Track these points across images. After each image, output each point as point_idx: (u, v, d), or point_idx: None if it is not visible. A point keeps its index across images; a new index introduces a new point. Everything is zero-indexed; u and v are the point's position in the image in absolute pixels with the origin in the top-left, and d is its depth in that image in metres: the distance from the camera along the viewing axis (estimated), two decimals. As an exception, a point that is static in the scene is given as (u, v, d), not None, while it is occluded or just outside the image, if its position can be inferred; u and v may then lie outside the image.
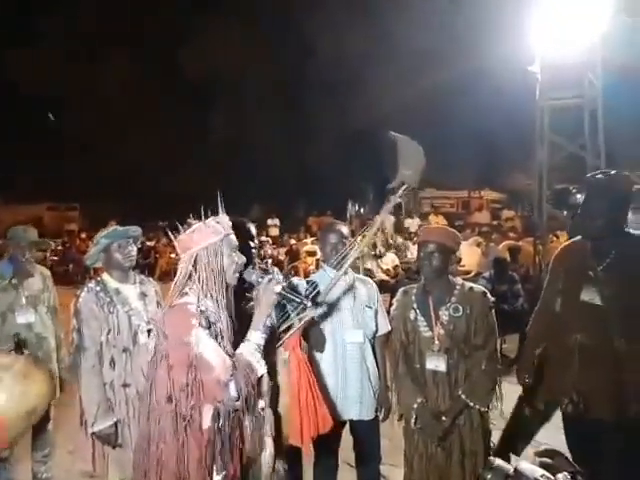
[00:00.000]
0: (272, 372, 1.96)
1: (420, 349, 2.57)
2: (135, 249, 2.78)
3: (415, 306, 2.60)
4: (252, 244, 2.69)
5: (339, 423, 2.76)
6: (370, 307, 2.81)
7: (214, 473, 1.81)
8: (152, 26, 20.83)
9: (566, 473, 1.35)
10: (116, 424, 2.56)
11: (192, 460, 1.78)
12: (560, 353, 2.61)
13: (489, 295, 2.59)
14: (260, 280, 1.95)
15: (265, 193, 19.33)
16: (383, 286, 7.30)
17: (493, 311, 2.57)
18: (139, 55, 21.60)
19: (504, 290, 6.09)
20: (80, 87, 21.48)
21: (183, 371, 1.75)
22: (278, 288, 1.88)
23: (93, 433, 2.55)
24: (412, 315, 2.59)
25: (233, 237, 1.94)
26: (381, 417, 2.85)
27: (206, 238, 1.86)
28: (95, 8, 21.76)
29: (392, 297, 2.84)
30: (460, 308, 2.50)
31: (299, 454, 2.59)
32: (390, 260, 8.70)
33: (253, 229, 2.74)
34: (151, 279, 3.00)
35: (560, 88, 9.29)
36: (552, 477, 1.32)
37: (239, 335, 1.91)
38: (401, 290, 2.76)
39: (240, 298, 2.11)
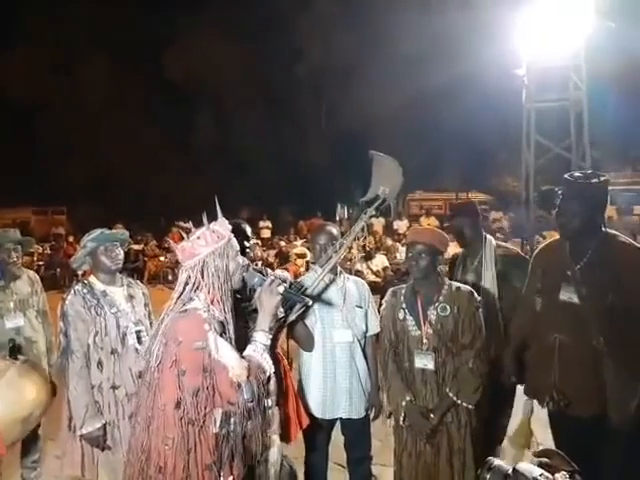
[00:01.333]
0: (276, 371, 1.98)
1: (409, 348, 2.60)
2: (122, 252, 2.77)
3: (404, 306, 2.64)
4: (247, 244, 2.73)
5: (328, 422, 2.79)
6: (360, 307, 2.83)
7: (221, 478, 1.81)
8: (135, 27, 20.67)
9: (564, 472, 1.35)
10: (105, 426, 2.54)
11: (201, 465, 1.78)
12: (540, 352, 2.64)
13: (476, 295, 2.63)
14: (262, 283, 1.96)
15: (254, 196, 19.31)
16: (373, 287, 7.26)
17: (480, 310, 2.60)
18: (122, 57, 21.46)
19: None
20: (62, 90, 21.35)
21: (197, 376, 1.74)
22: (281, 289, 1.90)
23: (81, 435, 2.53)
24: (401, 315, 2.63)
25: (234, 240, 1.95)
26: (372, 416, 2.87)
27: (212, 243, 1.87)
28: (77, 11, 21.59)
29: (382, 298, 2.85)
30: (448, 308, 2.54)
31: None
32: (380, 262, 8.75)
33: (248, 230, 2.78)
34: (139, 282, 2.99)
35: (546, 91, 9.43)
36: (551, 477, 1.33)
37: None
38: (390, 290, 2.79)
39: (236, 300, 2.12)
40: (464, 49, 13.99)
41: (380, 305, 2.86)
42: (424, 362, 2.54)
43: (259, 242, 14.53)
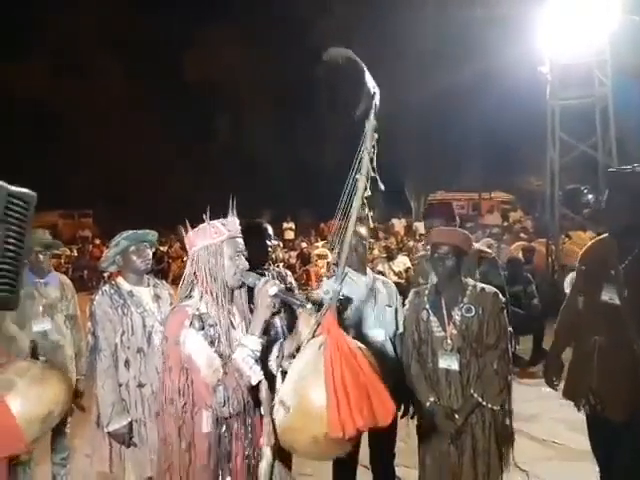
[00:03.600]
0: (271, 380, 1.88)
1: (433, 349, 2.59)
2: (151, 253, 2.82)
3: (427, 307, 2.63)
4: (269, 243, 2.78)
5: None
6: (390, 306, 2.86)
7: (219, 477, 1.80)
8: (152, 30, 20.87)
9: None
10: (131, 424, 2.59)
11: (198, 464, 1.78)
12: (580, 354, 2.59)
13: (500, 296, 2.60)
14: (256, 283, 1.87)
15: (275, 198, 19.38)
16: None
17: (505, 311, 2.58)
18: (139, 60, 21.65)
19: (518, 291, 6.05)
20: (79, 94, 21.63)
21: (177, 373, 1.76)
22: (273, 290, 1.80)
23: (109, 432, 2.59)
24: (425, 315, 2.62)
25: (239, 241, 1.92)
26: (400, 414, 2.85)
27: (208, 238, 1.87)
28: (93, 15, 21.89)
29: (404, 299, 2.85)
30: (472, 308, 2.53)
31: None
32: (402, 262, 8.69)
33: (270, 230, 2.83)
34: (164, 282, 3.03)
35: (570, 88, 9.26)
36: None
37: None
38: (413, 291, 2.78)
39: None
40: (486, 46, 13.81)
41: (403, 306, 2.86)
42: (448, 363, 2.54)
43: (280, 244, 14.63)
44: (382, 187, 1.95)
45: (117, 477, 2.67)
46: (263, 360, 1.83)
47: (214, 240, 1.86)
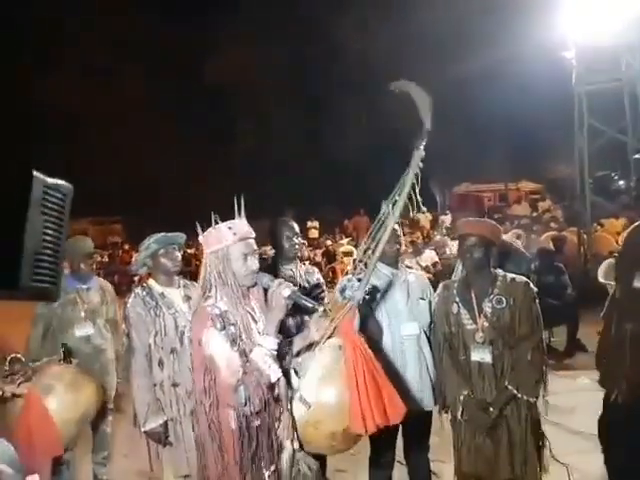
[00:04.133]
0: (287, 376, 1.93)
1: (464, 341, 2.56)
2: (179, 255, 2.87)
3: (457, 300, 2.60)
4: (296, 240, 2.83)
5: None
6: (424, 299, 2.85)
7: (263, 469, 1.84)
8: (171, 31, 21.09)
9: None
10: (166, 423, 2.63)
11: (230, 460, 1.81)
12: (614, 341, 2.54)
13: (532, 285, 2.55)
14: (270, 284, 1.90)
15: (297, 196, 19.44)
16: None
17: (537, 301, 2.52)
18: (159, 62, 21.92)
19: (550, 282, 5.91)
20: (101, 99, 21.99)
21: (201, 373, 1.80)
22: (287, 292, 1.83)
23: (145, 432, 2.64)
24: (454, 308, 2.59)
25: (250, 242, 1.93)
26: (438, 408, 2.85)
27: (215, 243, 1.90)
28: (110, 14, 22.19)
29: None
30: (503, 300, 2.48)
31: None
32: (429, 257, 8.61)
33: (296, 227, 2.88)
34: (195, 283, 3.08)
35: (597, 72, 9.02)
36: None
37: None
38: (442, 284, 2.75)
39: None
40: (509, 32, 13.53)
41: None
42: (481, 355, 2.50)
43: (305, 242, 14.67)
44: (424, 210, 2.10)
45: (156, 476, 2.72)
46: (279, 358, 1.86)
47: (221, 245, 1.89)
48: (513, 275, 2.59)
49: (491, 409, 2.44)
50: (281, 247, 2.88)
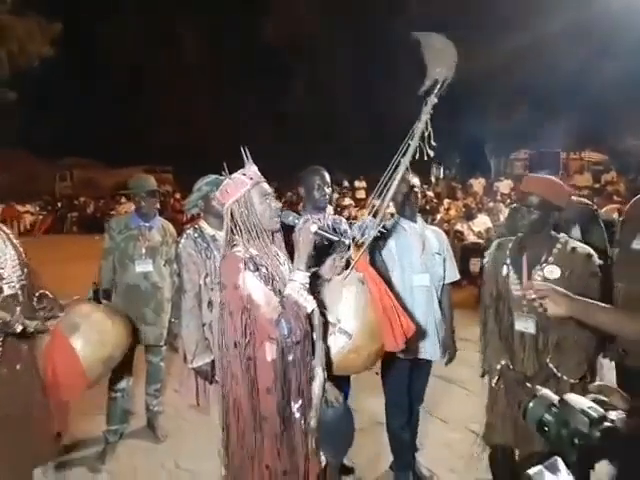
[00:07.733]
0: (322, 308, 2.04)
1: (509, 308, 2.41)
2: None
3: (508, 262, 2.43)
4: (327, 190, 2.84)
5: (407, 362, 2.90)
6: (439, 254, 2.94)
7: (292, 402, 1.92)
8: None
9: (621, 411, 1.21)
10: (213, 362, 2.70)
11: (262, 392, 1.89)
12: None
13: (595, 257, 2.26)
14: (296, 222, 2.03)
15: (346, 158, 19.22)
16: (474, 249, 7.10)
17: (598, 276, 2.24)
18: (219, 24, 21.94)
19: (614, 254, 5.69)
20: (162, 57, 22.33)
21: (239, 315, 1.85)
22: (314, 228, 1.91)
23: (193, 369, 2.74)
24: (504, 270, 2.44)
25: (264, 185, 1.99)
26: (445, 361, 2.99)
27: (234, 192, 1.94)
28: None
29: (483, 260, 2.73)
30: (558, 270, 2.25)
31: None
32: (482, 222, 8.38)
33: (327, 176, 2.88)
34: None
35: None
36: (602, 410, 1.20)
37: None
38: (495, 242, 2.60)
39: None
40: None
41: (482, 267, 2.78)
42: (524, 325, 2.35)
43: (352, 202, 14.57)
44: (431, 154, 2.22)
45: (203, 409, 2.85)
46: (311, 290, 1.94)
47: (241, 191, 1.93)
48: (576, 243, 2.32)
49: (528, 385, 2.23)
50: (312, 196, 2.87)
